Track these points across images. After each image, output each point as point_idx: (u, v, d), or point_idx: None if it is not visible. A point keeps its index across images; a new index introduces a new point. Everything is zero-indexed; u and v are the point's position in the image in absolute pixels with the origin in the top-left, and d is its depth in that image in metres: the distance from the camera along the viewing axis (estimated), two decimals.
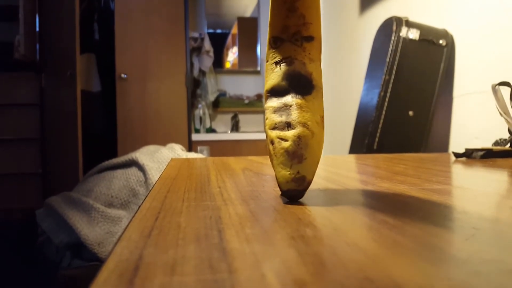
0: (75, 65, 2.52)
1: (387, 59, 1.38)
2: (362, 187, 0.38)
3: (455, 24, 1.42)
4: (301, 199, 0.31)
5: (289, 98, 0.31)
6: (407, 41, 1.38)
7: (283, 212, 0.27)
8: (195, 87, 3.44)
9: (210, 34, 3.60)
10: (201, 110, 3.39)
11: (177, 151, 1.51)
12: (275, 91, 0.32)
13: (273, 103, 0.32)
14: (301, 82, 0.31)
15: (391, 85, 1.37)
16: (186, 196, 0.33)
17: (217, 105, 3.60)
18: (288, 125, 0.30)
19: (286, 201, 0.30)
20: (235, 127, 3.58)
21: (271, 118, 0.31)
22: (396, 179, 0.43)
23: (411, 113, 1.38)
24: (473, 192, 0.34)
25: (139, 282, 0.14)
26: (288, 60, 0.32)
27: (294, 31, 0.32)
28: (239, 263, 0.16)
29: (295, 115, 0.30)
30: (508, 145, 0.77)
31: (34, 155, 2.68)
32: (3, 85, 2.66)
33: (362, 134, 1.48)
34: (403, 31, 1.39)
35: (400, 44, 1.38)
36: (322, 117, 0.32)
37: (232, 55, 3.76)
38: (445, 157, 0.74)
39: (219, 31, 3.73)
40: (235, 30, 3.73)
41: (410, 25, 1.40)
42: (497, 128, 1.20)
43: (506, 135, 1.00)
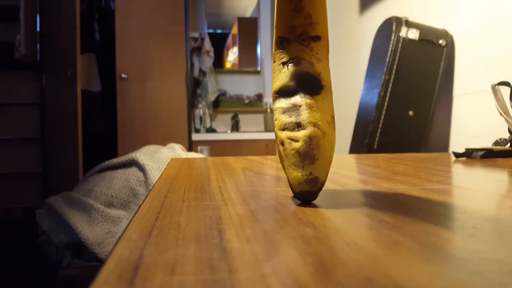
0: (76, 65, 2.52)
1: (387, 59, 1.38)
2: (362, 187, 0.38)
3: (454, 24, 1.42)
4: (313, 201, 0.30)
5: (298, 98, 0.30)
6: (407, 41, 1.38)
7: (283, 212, 0.27)
8: (195, 87, 3.44)
9: (210, 34, 3.60)
10: (201, 110, 3.39)
11: (177, 151, 1.51)
12: (283, 92, 0.31)
13: (282, 103, 0.31)
14: (309, 82, 0.31)
15: (391, 85, 1.37)
16: (186, 196, 0.33)
17: (217, 105, 3.60)
18: (298, 126, 0.29)
19: (298, 203, 0.30)
20: (235, 127, 3.58)
21: (280, 119, 0.31)
22: (396, 179, 0.43)
23: (411, 113, 1.38)
24: (473, 192, 0.34)
25: (139, 282, 0.14)
26: (295, 60, 0.31)
27: (301, 31, 0.31)
28: (239, 263, 0.16)
29: (305, 115, 0.29)
30: (508, 145, 0.77)
31: (34, 155, 2.68)
32: (3, 84, 2.66)
33: (362, 134, 1.48)
34: (403, 31, 1.39)
35: (400, 44, 1.38)
36: (332, 117, 0.31)
37: (232, 55, 3.76)
38: (445, 157, 0.74)
39: (219, 31, 3.73)
40: (235, 30, 3.73)
41: (410, 25, 1.40)
42: (497, 127, 1.20)
43: (506, 135, 1.00)
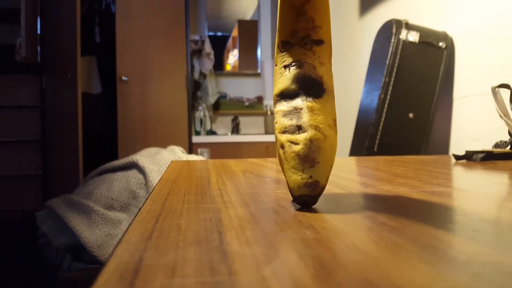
0: (76, 67, 2.53)
1: (387, 62, 1.38)
2: (362, 189, 0.38)
3: (454, 26, 1.43)
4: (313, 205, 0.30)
5: (299, 101, 0.30)
6: (407, 43, 1.38)
7: (284, 214, 0.27)
8: (195, 89, 3.44)
9: (210, 36, 3.60)
10: (202, 112, 3.39)
11: (177, 153, 1.51)
12: (285, 95, 0.31)
13: (283, 106, 0.31)
14: (311, 85, 0.30)
15: (391, 88, 1.37)
16: (186, 198, 0.33)
17: (217, 107, 3.60)
18: (299, 128, 0.29)
19: (297, 207, 0.29)
20: (236, 129, 3.58)
21: (280, 121, 0.30)
22: (396, 181, 0.43)
23: (411, 115, 1.39)
24: (474, 194, 0.34)
25: (139, 284, 0.14)
26: (297, 63, 0.31)
27: (303, 35, 0.31)
28: (239, 265, 0.16)
29: (306, 118, 0.29)
30: (508, 147, 0.77)
31: (34, 157, 2.68)
32: (4, 87, 2.66)
33: (362, 136, 1.48)
34: (403, 34, 1.39)
35: (400, 46, 1.38)
36: (334, 120, 0.30)
37: (232, 58, 3.76)
38: (445, 159, 0.74)
39: (219, 34, 3.73)
40: (235, 32, 3.73)
41: (409, 27, 1.40)
42: (498, 130, 1.20)
43: (506, 137, 1.00)
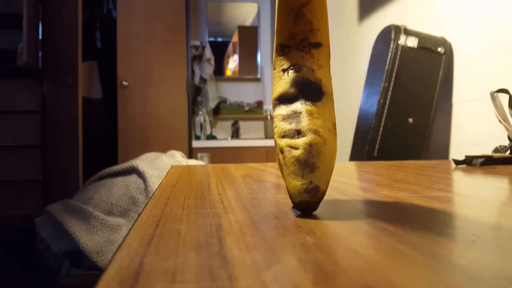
0: (77, 72, 2.53)
1: (386, 67, 1.39)
2: (362, 194, 0.38)
3: (453, 32, 1.43)
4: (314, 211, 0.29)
5: (298, 105, 0.30)
6: (406, 48, 1.39)
7: (284, 219, 0.27)
8: (196, 94, 3.45)
9: (211, 42, 3.62)
10: (202, 117, 3.40)
11: (177, 158, 1.51)
12: (284, 99, 0.31)
13: (282, 110, 0.30)
14: (310, 88, 0.30)
15: (390, 93, 1.38)
16: (186, 203, 0.33)
17: (217, 112, 3.61)
18: (298, 133, 0.28)
19: (298, 214, 0.28)
20: (236, 134, 3.58)
21: (280, 126, 0.30)
22: (396, 187, 0.43)
23: (411, 120, 1.39)
24: (473, 199, 0.34)
25: None
26: (296, 67, 0.31)
27: (301, 38, 0.31)
28: (239, 270, 0.16)
29: (305, 122, 0.29)
30: (508, 152, 0.77)
31: (34, 162, 2.68)
32: (5, 91, 2.67)
33: (362, 141, 1.48)
34: (402, 39, 1.39)
35: (398, 51, 1.39)
36: (334, 124, 0.30)
37: (232, 63, 3.78)
38: (445, 164, 0.74)
39: (220, 40, 3.75)
40: (235, 38, 3.75)
41: (408, 33, 1.41)
42: (497, 135, 1.20)
43: (506, 142, 1.00)
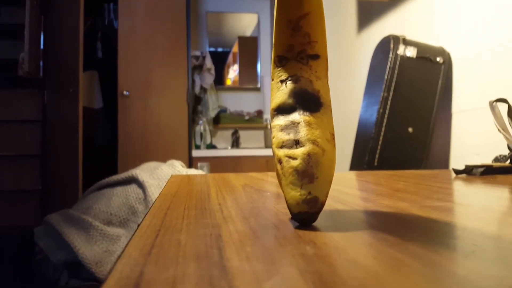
0: (78, 82, 2.54)
1: (385, 77, 1.40)
2: (362, 204, 0.38)
3: (451, 41, 1.44)
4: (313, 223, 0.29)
5: (296, 115, 0.30)
6: (405, 58, 1.40)
7: (284, 229, 0.27)
8: (196, 103, 3.46)
9: (211, 52, 3.64)
10: (202, 126, 3.40)
11: (177, 168, 1.51)
12: (282, 109, 0.31)
13: (280, 121, 0.30)
14: (308, 99, 0.30)
15: (389, 102, 1.38)
16: (186, 213, 0.33)
17: (217, 121, 3.61)
18: (296, 143, 0.28)
19: (296, 225, 0.28)
20: (236, 143, 3.58)
21: (278, 136, 0.30)
22: (396, 196, 0.43)
23: (410, 129, 1.39)
24: (474, 208, 0.34)
25: None
26: (294, 78, 0.31)
27: (299, 49, 0.31)
28: (239, 281, 0.16)
29: (303, 132, 0.29)
30: (508, 162, 0.77)
31: (34, 172, 2.67)
32: (6, 101, 2.68)
33: (362, 150, 1.48)
34: (401, 49, 1.40)
35: (397, 61, 1.39)
36: (332, 135, 0.30)
37: (233, 73, 3.79)
38: (445, 174, 0.74)
39: (220, 50, 3.77)
40: (235, 48, 3.77)
41: (407, 43, 1.42)
42: (497, 144, 1.20)
43: (505, 151, 1.00)
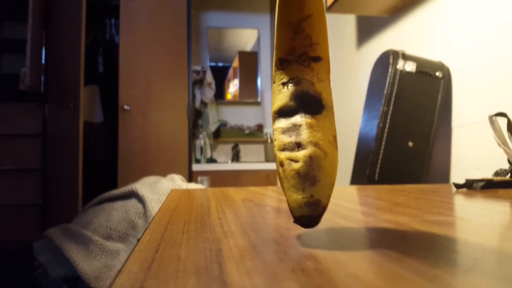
0: (79, 97, 2.56)
1: (385, 91, 1.40)
2: (363, 219, 0.38)
3: (450, 56, 1.46)
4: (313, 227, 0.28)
5: (298, 118, 0.29)
6: (404, 73, 1.41)
7: (284, 244, 0.27)
8: (196, 117, 3.48)
9: (212, 67, 3.67)
10: (202, 140, 3.41)
11: (177, 182, 1.50)
12: (283, 112, 0.30)
13: (281, 124, 0.30)
14: (310, 101, 0.30)
15: (389, 116, 1.39)
16: (186, 228, 0.33)
17: (218, 135, 3.62)
18: (298, 146, 0.28)
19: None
20: (236, 157, 3.58)
21: (279, 139, 0.30)
22: (397, 211, 0.43)
23: (410, 144, 1.39)
24: (474, 223, 0.34)
25: None
26: (295, 80, 0.30)
27: (300, 52, 0.31)
28: None
29: (305, 135, 0.28)
30: (508, 176, 0.77)
31: (34, 186, 2.67)
32: (7, 115, 2.69)
33: (362, 164, 1.48)
34: (400, 64, 1.41)
35: (397, 76, 1.40)
36: (334, 137, 0.30)
37: (233, 87, 3.82)
38: (445, 188, 0.74)
39: (220, 64, 3.80)
40: (236, 63, 3.81)
41: (406, 57, 1.43)
42: (497, 158, 1.20)
43: (506, 165, 1.00)
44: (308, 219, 0.27)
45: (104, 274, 1.17)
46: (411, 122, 1.40)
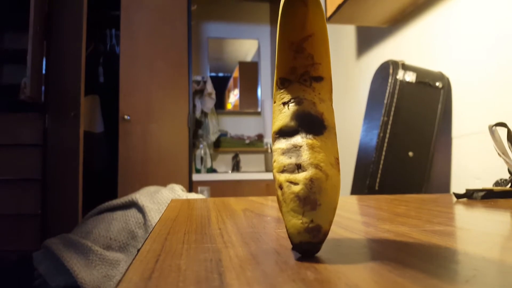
0: (79, 107, 2.57)
1: (385, 101, 1.41)
2: (363, 229, 0.38)
3: (450, 66, 1.46)
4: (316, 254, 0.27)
5: (298, 138, 0.28)
6: (404, 83, 1.42)
7: (284, 254, 0.27)
8: (196, 127, 3.48)
9: (212, 77, 3.69)
10: (202, 150, 3.41)
11: (177, 192, 1.50)
12: (284, 132, 0.29)
13: (281, 144, 0.29)
14: (311, 122, 0.29)
15: (389, 126, 1.39)
16: (186, 238, 0.33)
17: (218, 145, 3.62)
18: (298, 167, 0.27)
19: (298, 256, 0.26)
20: (236, 167, 3.58)
21: (279, 160, 0.28)
22: (397, 221, 0.43)
23: (411, 154, 1.39)
24: (474, 233, 0.34)
25: None
26: (296, 100, 0.30)
27: (302, 71, 0.30)
28: None
29: (306, 156, 0.27)
30: (509, 186, 0.77)
31: (34, 196, 2.66)
32: (7, 125, 2.69)
33: (363, 174, 1.48)
34: (400, 74, 1.42)
35: (397, 86, 1.41)
36: (337, 159, 0.28)
37: (233, 97, 3.83)
38: (446, 198, 0.74)
39: (221, 75, 3.82)
40: (236, 73, 3.83)
41: (406, 68, 1.44)
42: (497, 168, 1.20)
43: (506, 175, 1.00)
44: (307, 246, 0.25)
45: (104, 284, 1.16)
46: (412, 132, 1.41)
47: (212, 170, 3.47)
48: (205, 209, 0.57)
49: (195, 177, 3.09)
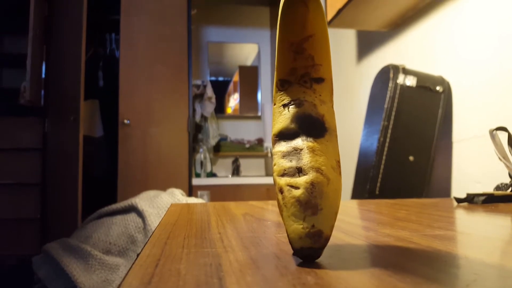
0: (79, 111, 2.57)
1: (385, 105, 1.41)
2: (364, 233, 0.37)
3: (450, 71, 1.47)
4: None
5: (299, 141, 0.28)
6: (405, 87, 1.42)
7: (284, 259, 0.27)
8: (196, 131, 3.48)
9: (212, 81, 3.70)
10: (202, 154, 3.41)
11: (177, 196, 1.50)
12: (284, 135, 0.29)
13: (282, 147, 0.28)
14: (312, 124, 0.28)
15: (390, 131, 1.39)
16: (186, 242, 0.33)
17: (218, 150, 3.62)
18: (299, 171, 0.26)
19: (299, 262, 0.26)
20: (236, 171, 3.58)
21: (279, 163, 0.28)
22: (398, 225, 0.43)
23: (411, 158, 1.39)
24: (475, 237, 0.34)
25: None
26: (297, 102, 0.29)
27: (302, 73, 0.29)
28: None
29: (306, 160, 0.26)
30: (509, 190, 0.77)
31: (33, 200, 2.66)
32: (7, 129, 2.69)
33: (363, 179, 1.48)
34: (400, 78, 1.42)
35: (397, 90, 1.41)
36: (338, 162, 0.28)
37: (233, 101, 3.84)
38: (446, 202, 0.74)
39: (221, 79, 3.83)
40: (236, 77, 3.83)
41: (407, 72, 1.44)
42: (498, 172, 1.20)
43: (507, 180, 1.00)
44: (309, 251, 0.25)
45: None
46: (412, 136, 1.41)
47: (212, 174, 3.47)
48: (205, 213, 0.57)
49: (195, 181, 3.08)
